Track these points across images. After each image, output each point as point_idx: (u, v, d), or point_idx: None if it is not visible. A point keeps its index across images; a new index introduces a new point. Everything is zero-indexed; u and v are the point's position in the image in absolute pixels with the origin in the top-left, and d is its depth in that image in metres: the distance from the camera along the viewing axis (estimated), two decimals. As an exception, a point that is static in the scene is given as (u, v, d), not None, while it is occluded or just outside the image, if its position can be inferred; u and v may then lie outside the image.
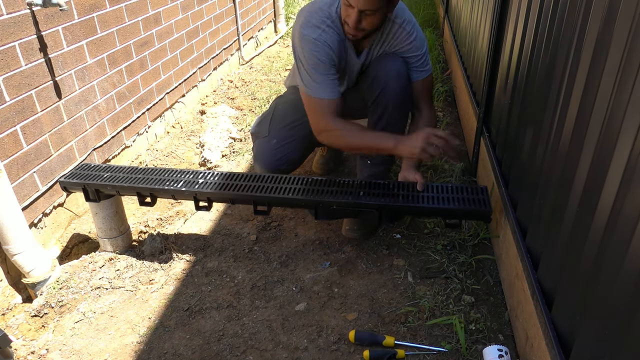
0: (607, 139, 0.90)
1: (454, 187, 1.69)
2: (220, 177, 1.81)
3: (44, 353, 1.53)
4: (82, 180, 1.78)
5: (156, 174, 1.84)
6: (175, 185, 1.76)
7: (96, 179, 1.79)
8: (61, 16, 2.02)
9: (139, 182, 1.78)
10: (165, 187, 1.75)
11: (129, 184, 1.77)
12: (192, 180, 1.79)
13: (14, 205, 1.66)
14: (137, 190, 1.77)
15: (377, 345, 1.44)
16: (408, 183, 1.71)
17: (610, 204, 0.87)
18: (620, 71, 0.86)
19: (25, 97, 1.85)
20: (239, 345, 1.49)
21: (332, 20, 1.71)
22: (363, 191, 1.68)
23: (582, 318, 0.97)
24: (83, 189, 1.79)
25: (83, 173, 1.84)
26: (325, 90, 1.70)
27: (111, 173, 1.84)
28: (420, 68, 1.83)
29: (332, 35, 1.71)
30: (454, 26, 3.60)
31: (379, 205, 1.63)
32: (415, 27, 1.79)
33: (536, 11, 1.45)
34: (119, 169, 1.89)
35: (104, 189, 1.79)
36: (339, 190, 1.69)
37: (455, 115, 2.95)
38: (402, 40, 1.77)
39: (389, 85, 1.75)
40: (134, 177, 1.81)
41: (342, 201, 1.65)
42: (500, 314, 1.54)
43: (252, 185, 1.74)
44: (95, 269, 1.85)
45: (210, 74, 3.55)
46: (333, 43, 1.71)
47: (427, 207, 1.61)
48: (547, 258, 1.22)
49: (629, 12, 0.84)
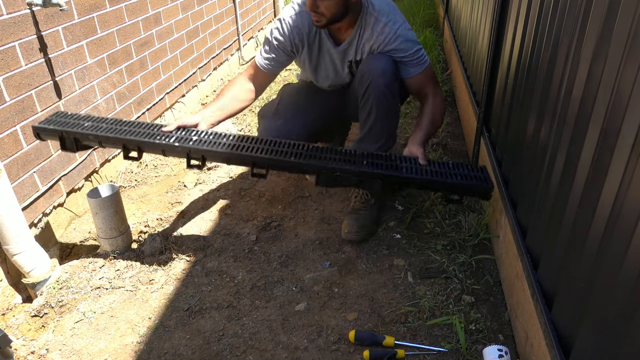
0: (608, 139, 0.90)
1: (455, 164, 1.71)
2: (215, 136, 1.71)
3: (44, 353, 1.53)
4: (60, 127, 1.61)
5: (145, 127, 1.72)
6: (167, 140, 1.63)
7: (76, 127, 1.64)
8: (61, 16, 2.02)
9: (125, 133, 1.64)
10: (156, 140, 1.62)
11: (114, 134, 1.61)
12: (185, 137, 1.67)
13: (14, 205, 1.66)
14: (123, 142, 1.62)
15: (377, 345, 1.44)
16: (411, 157, 1.72)
17: (610, 204, 0.87)
18: (621, 71, 0.86)
19: (25, 97, 1.85)
20: (239, 345, 1.49)
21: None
22: (367, 160, 1.66)
23: (582, 318, 0.97)
24: (60, 137, 1.62)
25: (61, 120, 1.67)
26: (259, 58, 1.93)
27: (93, 122, 1.69)
28: (415, 62, 1.86)
29: (304, 19, 1.83)
30: (454, 26, 3.60)
31: (383, 174, 1.60)
32: (402, 27, 1.82)
33: (536, 11, 1.45)
34: (101, 119, 1.73)
35: (85, 139, 1.62)
36: (342, 158, 1.66)
37: (455, 115, 2.95)
38: (389, 39, 1.80)
39: (373, 82, 1.78)
40: (120, 129, 1.66)
41: (345, 168, 1.61)
42: (500, 314, 1.54)
43: (251, 147, 1.66)
44: (95, 269, 1.84)
45: (211, 74, 3.55)
46: (302, 26, 1.84)
47: (430, 180, 1.60)
48: (547, 258, 1.22)
49: (629, 12, 0.84)
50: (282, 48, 1.90)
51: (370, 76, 1.78)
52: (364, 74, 1.82)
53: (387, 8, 1.83)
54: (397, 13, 1.85)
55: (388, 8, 1.84)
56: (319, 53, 1.92)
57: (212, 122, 1.82)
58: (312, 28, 1.84)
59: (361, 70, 1.84)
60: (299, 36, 1.86)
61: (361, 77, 1.83)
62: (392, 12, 1.83)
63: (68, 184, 2.09)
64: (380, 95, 1.79)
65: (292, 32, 1.86)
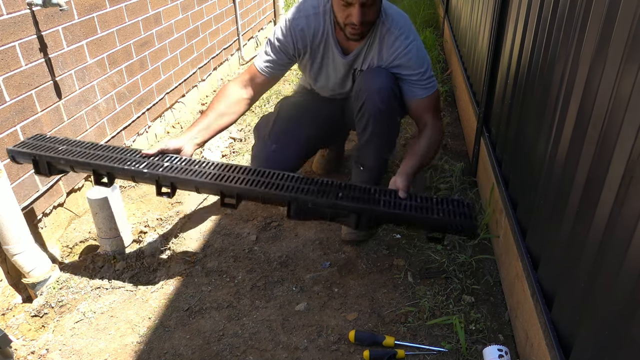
0: (608, 139, 0.90)
1: (440, 199, 1.55)
2: (187, 162, 1.64)
3: (44, 353, 1.53)
4: (33, 151, 1.62)
5: (118, 152, 1.68)
6: (137, 166, 1.59)
7: (49, 151, 1.63)
8: (61, 16, 2.02)
9: (97, 158, 1.61)
10: (125, 166, 1.59)
11: (85, 159, 1.60)
12: (157, 163, 1.62)
13: (14, 205, 1.66)
14: (93, 167, 1.60)
15: (377, 345, 1.44)
16: (391, 190, 1.57)
17: (610, 204, 0.87)
18: (621, 71, 0.86)
19: (25, 97, 1.85)
20: (239, 345, 1.49)
21: (317, 10, 1.73)
22: (342, 193, 1.54)
23: (582, 318, 0.97)
24: (33, 161, 1.62)
25: (36, 143, 1.67)
26: (259, 62, 1.83)
27: (68, 146, 1.67)
28: (422, 84, 1.75)
29: (312, 23, 1.74)
30: (454, 26, 3.60)
31: (357, 208, 1.49)
32: (413, 43, 1.72)
33: (536, 11, 1.45)
34: (77, 142, 1.72)
35: (57, 163, 1.62)
36: (316, 189, 1.54)
37: (455, 115, 2.95)
38: (399, 53, 1.72)
39: (369, 99, 1.70)
40: (93, 154, 1.64)
41: (318, 200, 1.50)
42: (500, 314, 1.54)
43: (222, 175, 1.58)
44: (95, 269, 1.84)
45: (211, 74, 3.55)
46: (307, 30, 1.74)
47: (409, 215, 1.47)
48: (547, 258, 1.22)
49: (629, 12, 0.84)
50: (284, 50, 1.81)
51: (366, 93, 1.71)
52: (359, 89, 1.75)
53: (401, 20, 1.74)
54: (411, 27, 1.75)
55: (403, 20, 1.74)
56: (323, 60, 1.82)
57: (198, 143, 1.73)
58: (317, 33, 1.75)
59: (357, 85, 1.77)
60: (303, 40, 1.77)
61: (357, 92, 1.76)
62: (406, 26, 1.74)
63: (68, 184, 2.09)
64: (377, 112, 1.72)
65: (295, 35, 1.76)
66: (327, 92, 1.97)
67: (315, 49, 1.79)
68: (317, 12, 1.74)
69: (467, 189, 2.14)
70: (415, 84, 1.74)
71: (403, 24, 1.73)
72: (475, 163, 2.19)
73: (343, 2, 1.55)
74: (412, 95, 1.76)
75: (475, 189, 2.13)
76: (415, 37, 1.74)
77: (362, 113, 1.75)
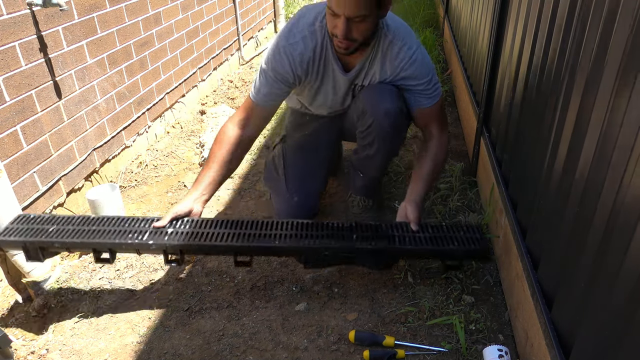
0: (608, 139, 0.90)
1: (450, 226, 1.60)
2: (192, 224, 1.58)
3: (44, 353, 1.53)
4: (22, 237, 1.48)
5: (115, 224, 1.58)
6: (140, 238, 1.51)
7: (40, 234, 1.50)
8: (61, 16, 2.02)
9: (94, 235, 1.51)
10: (127, 240, 1.50)
11: (81, 238, 1.48)
12: (160, 231, 1.55)
13: (14, 206, 1.66)
14: (92, 245, 1.49)
15: (377, 345, 1.44)
16: (403, 223, 1.59)
17: (610, 204, 0.87)
18: (621, 70, 0.86)
19: (25, 97, 1.85)
20: (239, 345, 1.49)
21: (312, 30, 1.58)
22: (356, 234, 1.54)
23: (582, 318, 0.97)
24: (23, 247, 1.49)
25: (23, 227, 1.54)
26: (255, 95, 1.68)
27: (58, 225, 1.56)
28: (427, 94, 1.67)
29: (310, 43, 1.58)
30: (454, 26, 3.60)
31: (374, 249, 1.50)
32: (417, 52, 1.63)
33: (536, 11, 1.45)
34: (67, 219, 1.59)
35: (50, 247, 1.49)
36: (329, 234, 1.53)
37: (455, 115, 2.95)
38: (404, 65, 1.62)
39: (377, 123, 1.65)
40: (88, 230, 1.54)
41: (333, 246, 1.49)
42: (500, 314, 1.54)
43: (231, 233, 1.54)
44: (95, 269, 1.84)
45: (210, 74, 3.55)
46: (305, 53, 1.58)
47: (426, 249, 1.51)
48: (547, 258, 1.22)
49: (629, 11, 0.84)
50: (283, 80, 1.64)
51: (373, 117, 1.64)
52: (364, 111, 1.67)
53: (402, 30, 1.63)
54: (413, 36, 1.66)
55: (404, 30, 1.64)
56: (323, 79, 1.68)
57: (206, 199, 1.66)
58: (316, 54, 1.60)
59: (361, 104, 1.68)
60: (302, 66, 1.61)
61: (361, 113, 1.68)
62: (408, 35, 1.64)
63: (68, 184, 2.09)
64: (384, 135, 1.68)
65: (294, 62, 1.59)
66: (324, 110, 1.84)
67: (313, 70, 1.64)
68: (314, 30, 1.59)
69: (467, 189, 2.14)
70: (421, 94, 1.67)
71: (404, 34, 1.63)
72: (475, 163, 2.19)
73: (331, 12, 1.45)
74: (417, 105, 1.69)
75: (475, 189, 2.13)
76: (418, 45, 1.65)
77: (368, 133, 1.70)
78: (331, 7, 1.43)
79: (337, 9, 1.41)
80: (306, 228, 1.57)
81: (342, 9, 1.40)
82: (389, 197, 2.13)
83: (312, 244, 1.51)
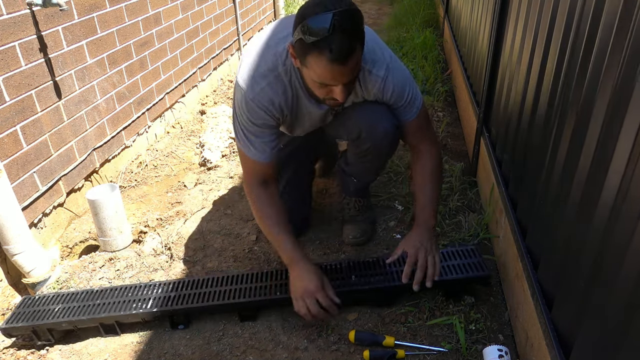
0: (608, 139, 0.90)
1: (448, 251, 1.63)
2: (195, 284, 1.62)
3: (44, 353, 1.53)
4: (30, 322, 1.51)
5: (118, 294, 1.60)
6: (145, 307, 1.53)
7: (47, 316, 1.53)
8: (61, 16, 2.02)
9: (99, 310, 1.53)
10: (132, 311, 1.52)
11: (87, 315, 1.52)
12: (163, 296, 1.57)
13: (14, 205, 1.66)
14: (99, 321, 1.52)
15: (377, 345, 1.44)
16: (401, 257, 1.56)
17: (610, 204, 0.87)
18: (622, 69, 0.86)
19: (25, 97, 1.85)
20: (239, 345, 1.49)
21: (277, 72, 1.44)
22: (355, 274, 1.56)
23: (582, 318, 0.97)
24: (33, 332, 1.52)
25: (29, 311, 1.56)
26: (255, 154, 1.51)
27: (64, 304, 1.57)
28: (408, 107, 1.57)
29: (277, 88, 1.45)
30: (454, 26, 3.60)
31: (376, 288, 1.53)
32: (387, 69, 1.47)
33: (536, 11, 1.45)
34: (71, 296, 1.61)
35: (59, 327, 1.53)
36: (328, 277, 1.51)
37: (455, 115, 2.95)
38: (377, 88, 1.51)
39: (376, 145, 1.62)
40: (92, 305, 1.56)
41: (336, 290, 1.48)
42: (500, 314, 1.54)
43: (233, 290, 1.57)
44: (95, 269, 1.84)
45: (211, 74, 3.56)
46: (276, 98, 1.45)
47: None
48: (547, 258, 1.22)
49: (630, 9, 0.84)
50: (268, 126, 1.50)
51: (371, 141, 1.60)
52: (361, 134, 1.61)
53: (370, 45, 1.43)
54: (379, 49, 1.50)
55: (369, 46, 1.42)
56: (297, 115, 1.57)
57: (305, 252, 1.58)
58: (287, 96, 1.48)
59: (355, 128, 1.61)
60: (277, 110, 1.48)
61: (358, 136, 1.62)
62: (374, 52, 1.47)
63: (68, 184, 2.09)
64: (383, 153, 1.70)
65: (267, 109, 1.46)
66: (303, 134, 1.75)
67: (288, 109, 1.52)
68: (278, 74, 1.44)
69: (467, 189, 2.14)
70: (403, 110, 1.58)
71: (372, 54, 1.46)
72: (475, 163, 2.19)
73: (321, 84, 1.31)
74: (401, 119, 1.60)
75: (475, 189, 2.13)
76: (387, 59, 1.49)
77: (366, 153, 1.67)
78: (322, 82, 1.30)
79: (333, 82, 1.30)
80: None
81: (339, 80, 1.30)
82: (389, 197, 2.13)
83: None
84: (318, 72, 1.27)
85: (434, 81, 3.32)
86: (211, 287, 1.60)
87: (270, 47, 1.46)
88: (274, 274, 1.64)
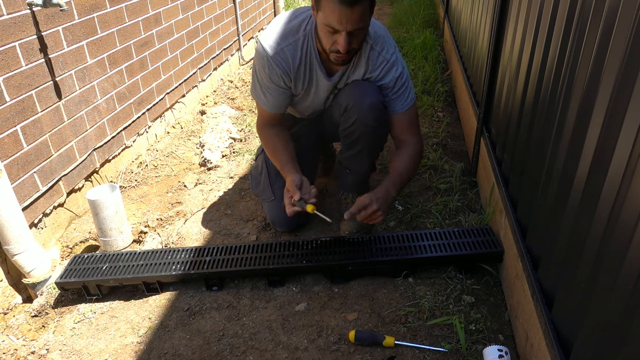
0: (608, 139, 0.90)
1: (462, 230, 1.74)
2: (226, 251, 1.75)
3: (44, 353, 1.53)
4: (81, 278, 1.67)
5: (159, 257, 1.76)
6: (183, 269, 1.68)
7: (95, 274, 1.69)
8: (61, 16, 2.02)
9: (142, 269, 1.70)
10: (172, 272, 1.68)
11: (132, 274, 1.68)
12: (197, 260, 1.72)
13: (14, 206, 1.66)
14: (142, 279, 1.68)
15: (377, 345, 1.44)
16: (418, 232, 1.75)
17: (610, 204, 0.87)
18: (622, 70, 0.86)
19: (26, 97, 1.85)
20: (239, 345, 1.49)
21: (297, 36, 1.64)
22: (375, 247, 1.70)
23: (582, 318, 0.97)
24: (83, 287, 1.69)
25: (79, 268, 1.73)
26: (267, 105, 1.76)
27: (110, 263, 1.74)
28: (402, 98, 1.71)
29: (294, 51, 1.64)
30: (454, 26, 3.60)
31: (395, 260, 1.66)
32: (395, 55, 1.68)
33: (536, 11, 1.45)
34: (116, 257, 1.78)
35: (106, 283, 1.69)
36: (349, 249, 1.70)
37: (455, 115, 2.95)
38: (381, 69, 1.67)
39: (361, 118, 1.67)
40: (136, 265, 1.72)
41: (357, 261, 1.66)
42: (500, 314, 1.54)
43: (263, 257, 1.71)
44: (96, 269, 1.84)
45: (211, 74, 3.56)
46: (293, 60, 1.65)
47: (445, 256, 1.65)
48: (547, 258, 1.22)
49: (630, 10, 0.84)
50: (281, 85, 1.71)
51: (357, 113, 1.66)
52: (348, 107, 1.68)
53: (380, 33, 1.67)
54: (390, 39, 1.70)
55: (382, 33, 1.67)
56: (308, 84, 1.73)
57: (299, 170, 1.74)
58: (302, 60, 1.66)
59: (344, 103, 1.70)
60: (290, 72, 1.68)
61: (345, 110, 1.70)
62: (386, 38, 1.68)
63: (68, 184, 2.10)
64: (369, 130, 1.69)
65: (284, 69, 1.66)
66: (307, 112, 1.90)
67: (299, 75, 1.70)
68: (297, 38, 1.64)
69: (467, 189, 2.14)
70: (398, 98, 1.71)
71: (383, 38, 1.67)
72: (475, 163, 2.19)
73: (330, 29, 1.48)
74: (392, 111, 1.73)
75: (475, 189, 2.13)
76: (395, 49, 1.70)
77: (353, 130, 1.71)
78: (330, 24, 1.46)
79: (339, 25, 1.45)
80: (326, 245, 1.74)
81: (344, 25, 1.45)
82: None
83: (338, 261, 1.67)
84: (327, 13, 1.44)
85: (434, 81, 3.32)
86: (243, 253, 1.74)
87: (297, 15, 1.68)
88: (300, 244, 1.76)
